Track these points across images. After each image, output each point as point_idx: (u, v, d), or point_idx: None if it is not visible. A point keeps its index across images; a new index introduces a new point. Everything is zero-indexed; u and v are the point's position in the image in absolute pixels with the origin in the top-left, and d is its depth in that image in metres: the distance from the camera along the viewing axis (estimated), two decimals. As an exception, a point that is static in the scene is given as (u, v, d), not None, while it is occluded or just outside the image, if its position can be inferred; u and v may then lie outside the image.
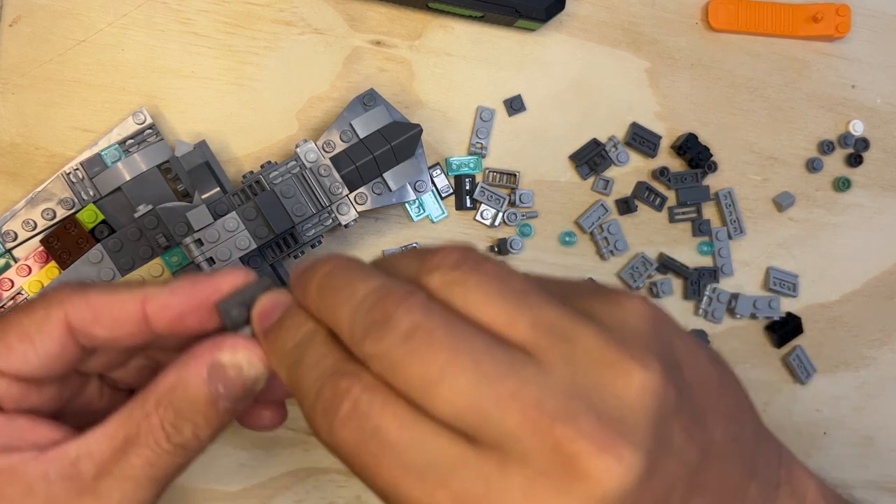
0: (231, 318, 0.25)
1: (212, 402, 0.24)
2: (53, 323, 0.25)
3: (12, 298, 0.38)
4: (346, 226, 0.39)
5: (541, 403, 0.20)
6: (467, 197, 0.44)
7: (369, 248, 0.43)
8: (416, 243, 0.43)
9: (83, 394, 0.29)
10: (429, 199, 0.43)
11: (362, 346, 0.21)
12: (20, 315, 0.25)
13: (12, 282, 0.38)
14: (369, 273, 0.23)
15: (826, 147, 0.48)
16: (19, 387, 0.25)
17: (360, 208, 0.39)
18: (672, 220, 0.46)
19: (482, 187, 0.44)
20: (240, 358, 0.24)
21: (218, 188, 0.38)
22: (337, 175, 0.39)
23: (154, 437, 0.24)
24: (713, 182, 0.47)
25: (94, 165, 0.39)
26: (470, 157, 0.44)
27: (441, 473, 0.20)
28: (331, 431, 0.22)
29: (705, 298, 0.46)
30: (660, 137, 0.46)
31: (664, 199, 0.46)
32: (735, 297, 0.46)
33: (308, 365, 0.23)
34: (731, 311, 0.47)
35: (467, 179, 0.44)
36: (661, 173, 0.45)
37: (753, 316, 0.47)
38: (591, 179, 0.45)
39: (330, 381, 0.22)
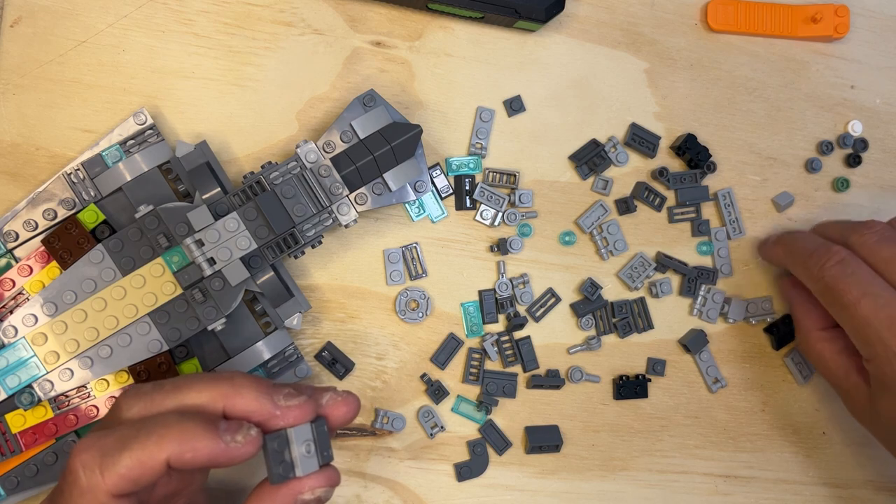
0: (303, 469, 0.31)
1: None
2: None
3: (13, 298, 0.38)
4: (346, 226, 0.39)
5: None
6: (467, 197, 0.44)
7: (369, 249, 0.43)
8: (416, 244, 0.43)
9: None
10: (429, 199, 0.43)
11: (849, 237, 0.42)
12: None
13: (13, 282, 0.38)
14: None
15: (825, 147, 0.48)
16: None
17: (360, 208, 0.39)
18: (671, 220, 0.46)
19: (482, 187, 0.44)
20: (319, 493, 0.31)
21: (218, 188, 0.38)
22: (337, 175, 0.39)
23: None
24: (712, 182, 0.47)
25: (95, 166, 0.39)
26: (470, 158, 0.44)
27: (885, 299, 0.39)
28: (822, 269, 0.41)
29: (699, 298, 0.46)
30: (659, 138, 0.46)
31: (663, 199, 0.46)
32: (728, 301, 0.46)
33: (806, 241, 0.43)
34: (725, 316, 0.47)
35: (467, 179, 0.44)
36: (661, 173, 0.46)
37: (748, 320, 0.47)
38: (590, 179, 0.46)
39: (824, 245, 0.42)
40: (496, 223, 0.44)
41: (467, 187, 0.44)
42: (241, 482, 0.41)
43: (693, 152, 0.46)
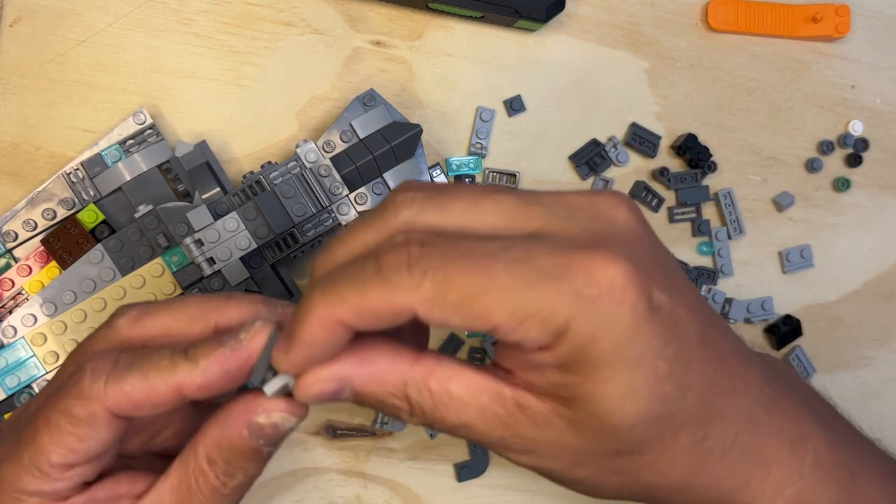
0: (269, 388, 0.26)
1: (256, 452, 0.27)
2: (100, 419, 0.26)
3: (13, 298, 0.38)
4: (346, 226, 0.39)
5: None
6: (467, 197, 0.44)
7: (369, 249, 0.43)
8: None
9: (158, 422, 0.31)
10: (429, 199, 0.43)
11: (386, 223, 0.25)
12: (61, 421, 0.26)
13: (13, 282, 0.38)
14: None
15: (825, 147, 0.48)
16: (92, 464, 0.27)
17: (360, 208, 0.39)
18: (672, 220, 0.46)
19: (482, 187, 0.44)
20: (275, 418, 0.26)
21: (218, 188, 0.38)
22: (337, 175, 0.39)
23: (211, 487, 0.27)
24: (713, 182, 0.47)
25: (95, 165, 0.39)
26: (470, 157, 0.44)
27: (512, 253, 0.24)
28: (389, 268, 0.24)
29: (702, 298, 0.46)
30: (659, 137, 0.46)
31: (661, 199, 0.46)
32: (729, 301, 0.46)
33: (337, 252, 0.26)
34: (725, 317, 0.47)
35: (467, 179, 0.44)
36: (661, 173, 0.46)
37: (748, 321, 0.47)
38: (590, 179, 0.46)
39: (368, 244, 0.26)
40: (496, 223, 0.44)
41: (467, 187, 0.44)
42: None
43: (693, 152, 0.46)
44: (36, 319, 0.37)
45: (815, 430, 0.30)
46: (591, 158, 0.45)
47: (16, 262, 0.38)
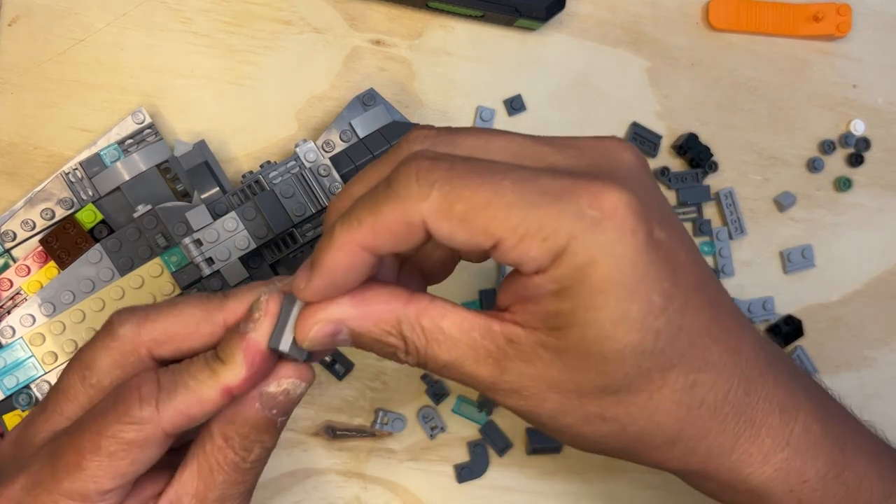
0: (284, 344, 0.27)
1: (270, 422, 0.28)
2: (154, 439, 0.27)
3: (11, 298, 0.38)
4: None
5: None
6: (467, 197, 0.44)
7: (369, 248, 0.43)
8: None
9: None
10: (429, 198, 0.43)
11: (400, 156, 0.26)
12: (112, 447, 0.26)
13: (11, 282, 0.38)
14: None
15: (827, 147, 0.48)
16: (129, 485, 0.28)
17: (359, 208, 0.39)
18: (672, 220, 0.46)
19: (482, 187, 0.43)
20: (286, 385, 0.27)
21: (217, 188, 0.38)
22: (337, 175, 0.39)
23: (231, 463, 0.28)
24: (714, 182, 0.47)
25: (93, 165, 0.39)
26: (470, 157, 0.44)
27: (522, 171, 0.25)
28: (400, 184, 0.24)
29: (705, 298, 0.46)
30: (660, 137, 0.46)
31: (665, 198, 0.46)
32: (732, 300, 0.46)
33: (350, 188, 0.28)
34: (730, 313, 0.47)
35: (467, 179, 0.44)
36: (662, 173, 0.45)
37: (750, 321, 0.47)
38: (591, 179, 0.45)
39: (378, 166, 0.27)
40: (496, 223, 0.44)
41: (467, 187, 0.44)
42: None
43: (694, 152, 0.45)
44: (34, 319, 0.37)
45: (805, 403, 0.30)
46: (591, 158, 0.45)
47: (14, 261, 0.38)
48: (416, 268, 0.30)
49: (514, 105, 0.44)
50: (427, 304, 0.26)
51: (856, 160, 0.48)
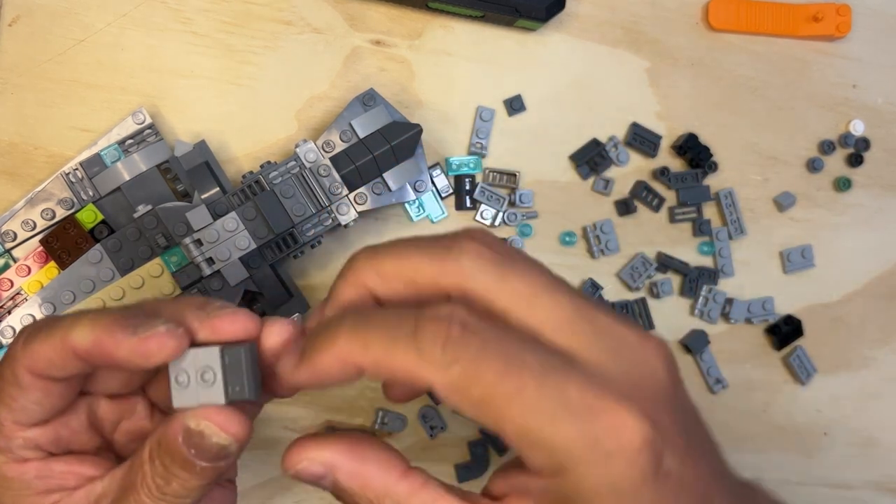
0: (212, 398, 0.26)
1: (188, 462, 0.26)
2: (22, 379, 0.27)
3: (11, 298, 0.38)
4: (345, 226, 0.39)
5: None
6: (467, 197, 0.44)
7: (369, 248, 0.43)
8: (415, 243, 0.43)
9: (133, 420, 0.30)
10: (429, 199, 0.43)
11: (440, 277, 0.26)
12: (1, 379, 0.27)
13: (12, 282, 0.38)
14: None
15: (827, 147, 0.48)
16: (44, 431, 0.28)
17: (359, 208, 0.39)
18: (672, 220, 0.46)
19: (482, 187, 0.44)
20: (203, 426, 0.26)
21: (217, 188, 0.38)
22: (337, 175, 0.39)
23: (148, 486, 0.27)
24: (714, 182, 0.47)
25: (94, 165, 0.39)
26: (470, 157, 0.44)
27: (538, 366, 0.24)
28: (427, 347, 0.24)
29: (701, 298, 0.46)
30: (660, 137, 0.46)
31: (662, 199, 0.46)
32: (730, 301, 0.46)
33: (379, 317, 0.25)
34: (726, 317, 0.47)
35: (467, 179, 0.44)
36: (662, 173, 0.45)
37: (749, 321, 0.47)
38: (591, 179, 0.45)
39: (409, 313, 0.25)
40: (496, 223, 0.44)
41: (467, 187, 0.44)
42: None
43: (694, 152, 0.45)
44: (35, 319, 0.37)
45: None
46: (591, 158, 0.45)
47: (15, 262, 0.38)
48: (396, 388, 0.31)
49: (514, 105, 0.44)
50: (420, 486, 0.26)
51: (855, 160, 0.48)
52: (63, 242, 0.38)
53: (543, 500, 0.24)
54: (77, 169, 0.39)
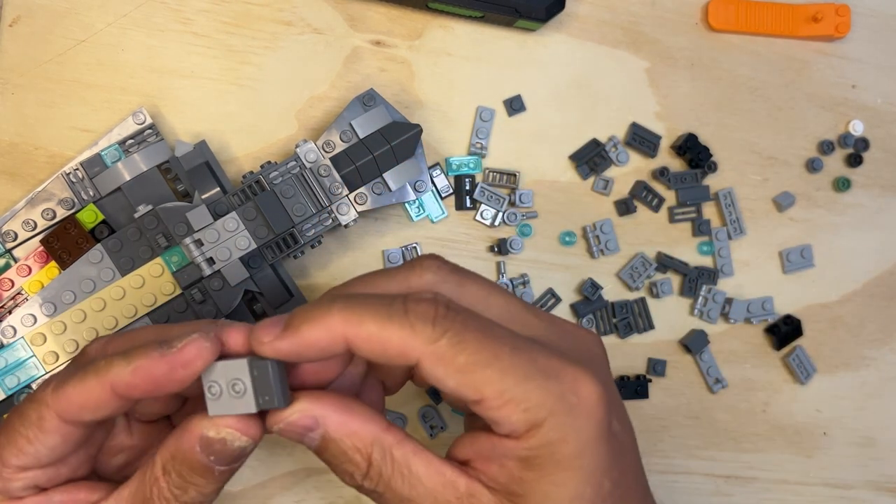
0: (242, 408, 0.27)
1: (207, 468, 0.27)
2: (48, 423, 0.27)
3: (12, 298, 0.38)
4: (346, 226, 0.39)
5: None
6: (467, 197, 0.44)
7: (369, 249, 0.43)
8: (416, 244, 0.43)
9: (113, 439, 0.31)
10: (429, 199, 0.43)
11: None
12: (16, 423, 0.28)
13: (12, 282, 0.38)
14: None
15: (826, 147, 0.48)
16: (45, 471, 0.28)
17: (360, 208, 0.39)
18: (672, 220, 0.46)
19: (482, 187, 0.44)
20: (224, 434, 0.27)
21: (218, 188, 0.38)
22: (337, 175, 0.39)
23: (166, 498, 0.28)
24: (713, 182, 0.47)
25: (94, 165, 0.39)
26: (470, 157, 0.44)
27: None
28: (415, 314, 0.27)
29: (700, 298, 0.46)
30: (660, 137, 0.46)
31: (662, 199, 0.46)
32: (729, 301, 0.46)
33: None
34: (726, 317, 0.47)
35: (467, 179, 0.44)
36: (661, 173, 0.45)
37: (748, 321, 0.47)
38: (591, 179, 0.45)
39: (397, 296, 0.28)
40: (496, 223, 0.44)
41: (467, 187, 0.44)
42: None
43: (694, 152, 0.46)
44: (35, 319, 0.37)
45: None
46: (591, 158, 0.45)
47: (15, 262, 0.38)
48: (378, 379, 0.32)
49: (514, 105, 0.44)
50: (402, 438, 0.28)
51: (855, 160, 0.48)
52: (64, 242, 0.38)
53: (508, 463, 0.27)
54: (78, 169, 0.39)
